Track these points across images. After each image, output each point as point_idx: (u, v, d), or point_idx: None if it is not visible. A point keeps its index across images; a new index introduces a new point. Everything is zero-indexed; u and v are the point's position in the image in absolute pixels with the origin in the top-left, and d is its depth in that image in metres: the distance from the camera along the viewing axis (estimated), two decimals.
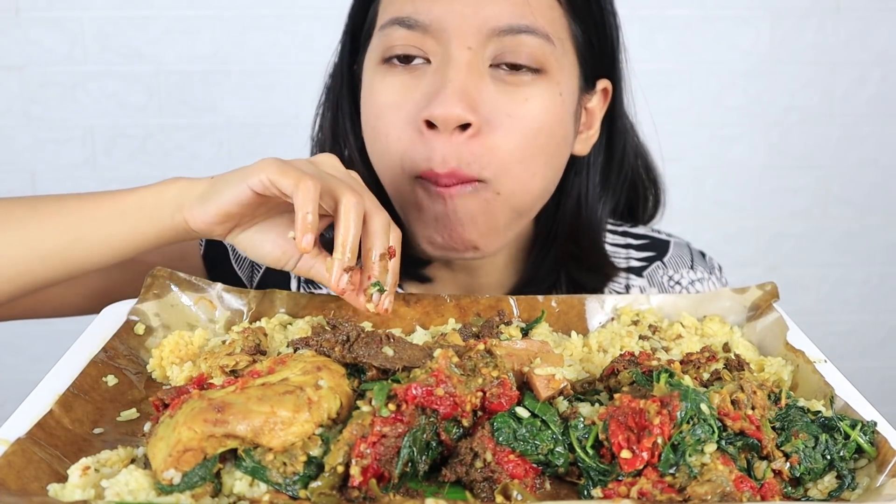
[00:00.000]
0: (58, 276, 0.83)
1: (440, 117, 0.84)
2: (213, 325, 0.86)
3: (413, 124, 0.87)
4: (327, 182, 0.76)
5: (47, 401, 0.66)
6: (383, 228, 0.78)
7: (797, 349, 0.79)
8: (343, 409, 0.63)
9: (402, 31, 0.87)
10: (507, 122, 0.87)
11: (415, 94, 0.87)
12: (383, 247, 0.77)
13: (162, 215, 0.79)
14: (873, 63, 2.11)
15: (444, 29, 0.86)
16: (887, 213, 2.22)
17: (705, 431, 0.59)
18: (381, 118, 0.90)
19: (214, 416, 0.58)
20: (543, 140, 0.89)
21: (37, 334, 2.12)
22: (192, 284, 0.87)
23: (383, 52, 0.89)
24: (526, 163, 0.89)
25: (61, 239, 0.80)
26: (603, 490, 0.59)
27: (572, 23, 0.93)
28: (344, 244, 0.74)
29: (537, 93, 0.88)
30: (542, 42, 0.87)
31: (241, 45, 2.01)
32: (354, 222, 0.74)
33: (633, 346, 0.83)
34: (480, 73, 0.86)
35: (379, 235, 0.77)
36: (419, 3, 0.87)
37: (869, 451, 0.63)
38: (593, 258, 1.04)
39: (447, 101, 0.84)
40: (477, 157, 0.86)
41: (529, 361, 0.70)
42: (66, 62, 1.99)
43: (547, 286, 1.05)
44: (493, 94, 0.87)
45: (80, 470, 0.58)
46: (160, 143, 2.07)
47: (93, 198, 0.82)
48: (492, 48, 0.87)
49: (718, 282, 1.15)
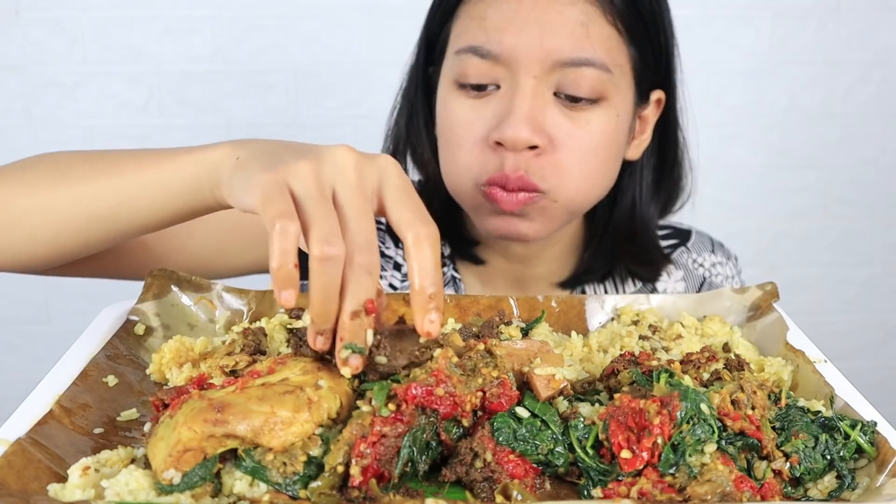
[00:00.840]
0: (113, 238, 0.82)
1: (510, 140, 0.94)
2: (213, 325, 0.86)
3: (484, 142, 0.98)
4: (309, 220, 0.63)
5: (47, 401, 0.66)
6: (359, 281, 0.62)
7: (797, 349, 0.79)
8: (343, 409, 0.63)
9: (475, 60, 0.96)
10: (568, 143, 0.97)
11: (486, 115, 0.97)
12: (358, 303, 0.62)
13: (202, 188, 0.75)
14: (873, 63, 2.11)
15: (513, 59, 0.95)
16: (887, 213, 2.21)
17: (705, 431, 0.59)
18: (455, 133, 1.00)
19: (214, 416, 0.58)
20: (601, 157, 1.00)
21: (37, 334, 2.12)
22: (193, 284, 0.87)
23: (458, 77, 0.99)
24: (584, 176, 0.99)
25: (111, 201, 0.79)
26: (603, 490, 0.59)
27: (630, 47, 0.99)
28: (314, 310, 0.62)
29: (596, 117, 0.97)
30: (601, 73, 0.96)
31: (241, 45, 2.01)
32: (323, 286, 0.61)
33: (633, 346, 0.83)
34: (545, 100, 0.96)
35: (353, 291, 0.62)
36: (491, 32, 0.95)
37: (869, 451, 0.63)
38: (648, 254, 1.14)
39: (516, 125, 0.94)
40: (541, 169, 0.97)
41: (529, 361, 0.70)
42: (66, 62, 1.99)
43: (600, 276, 1.14)
44: (556, 118, 0.96)
45: (80, 470, 0.58)
46: (160, 143, 2.06)
47: (141, 159, 0.80)
48: (555, 77, 0.95)
49: (735, 268, 1.25)
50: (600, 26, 0.95)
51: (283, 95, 2.04)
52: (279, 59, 2.02)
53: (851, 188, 2.19)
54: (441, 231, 1.14)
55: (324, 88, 2.03)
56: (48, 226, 0.82)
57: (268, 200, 0.62)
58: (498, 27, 0.95)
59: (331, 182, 0.64)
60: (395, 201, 0.66)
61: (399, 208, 0.65)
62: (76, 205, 0.80)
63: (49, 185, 0.82)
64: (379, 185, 0.66)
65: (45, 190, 0.82)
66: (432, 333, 0.64)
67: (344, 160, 0.65)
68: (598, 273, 1.14)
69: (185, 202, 0.77)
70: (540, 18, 0.94)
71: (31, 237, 0.83)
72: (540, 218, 1.00)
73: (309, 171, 0.64)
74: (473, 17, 0.98)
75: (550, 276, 1.15)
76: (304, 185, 0.63)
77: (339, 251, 0.61)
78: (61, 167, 0.83)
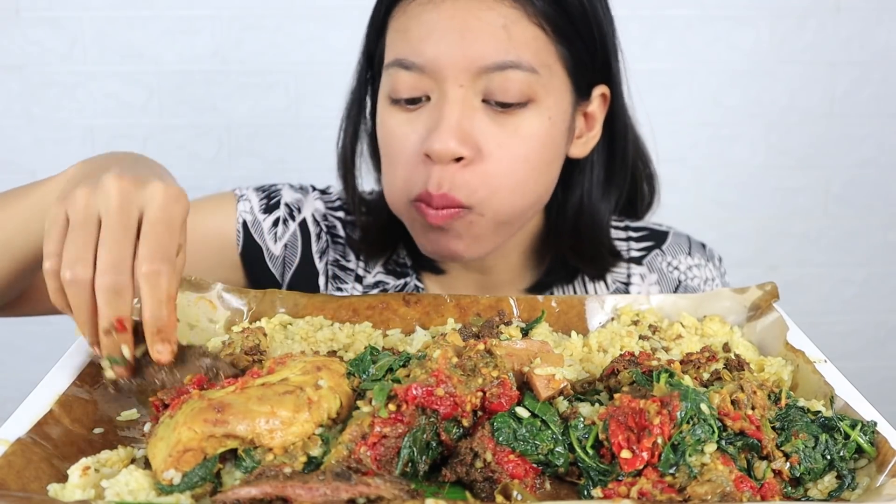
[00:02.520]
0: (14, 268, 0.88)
1: (437, 152, 0.93)
2: (213, 325, 0.86)
3: (416, 155, 0.96)
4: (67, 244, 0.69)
5: (47, 401, 0.66)
6: (105, 301, 0.67)
7: (797, 349, 0.79)
8: (343, 409, 0.64)
9: (403, 74, 0.96)
10: (498, 152, 0.95)
11: (417, 127, 0.96)
12: (107, 321, 0.67)
13: None
14: (873, 63, 2.11)
15: (438, 69, 0.93)
16: (887, 213, 2.21)
17: (705, 431, 0.59)
18: (391, 147, 0.99)
19: (214, 416, 0.58)
20: (533, 163, 0.97)
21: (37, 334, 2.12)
22: (192, 284, 0.87)
23: (390, 92, 0.98)
24: (513, 186, 0.97)
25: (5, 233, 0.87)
26: (603, 490, 0.59)
27: (559, 46, 0.97)
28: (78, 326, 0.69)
29: (526, 122, 0.96)
30: (528, 74, 0.94)
31: (241, 45, 2.01)
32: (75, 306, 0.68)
33: (633, 346, 0.83)
34: (473, 108, 0.94)
35: (101, 310, 0.67)
36: (415, 43, 0.95)
37: (869, 451, 0.63)
38: (594, 250, 1.11)
39: (442, 136, 0.92)
40: (467, 183, 0.94)
41: (529, 361, 0.70)
42: (66, 62, 1.99)
43: (567, 279, 1.13)
44: (485, 126, 0.95)
45: (80, 470, 0.58)
46: (160, 143, 2.07)
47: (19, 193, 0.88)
48: (482, 84, 0.94)
49: (716, 270, 1.21)
50: (522, 27, 0.94)
51: (283, 95, 2.04)
52: (279, 59, 2.02)
53: (851, 188, 2.19)
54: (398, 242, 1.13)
55: (323, 88, 2.03)
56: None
57: (47, 232, 0.70)
58: (420, 38, 0.94)
59: (97, 208, 0.69)
60: (142, 233, 0.69)
61: (142, 240, 0.69)
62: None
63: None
64: (141, 213, 0.70)
65: None
66: (162, 361, 0.69)
67: (110, 187, 0.69)
68: (561, 275, 1.13)
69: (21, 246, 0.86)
70: (460, 26, 0.92)
71: None
72: (467, 233, 0.98)
73: (81, 197, 0.69)
74: (398, 31, 0.97)
75: (515, 283, 1.13)
76: (72, 211, 0.69)
77: (78, 274, 0.67)
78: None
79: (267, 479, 0.55)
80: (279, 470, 0.56)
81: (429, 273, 1.14)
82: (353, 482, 0.54)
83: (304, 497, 0.53)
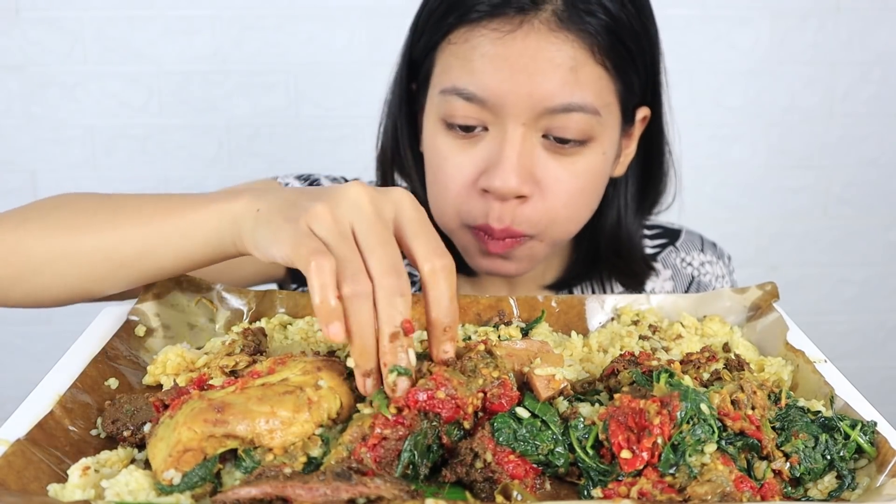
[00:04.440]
0: (134, 282, 0.83)
1: (499, 190, 0.93)
2: (213, 325, 0.86)
3: (472, 186, 0.97)
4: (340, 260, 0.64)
5: (47, 401, 0.66)
6: (391, 303, 0.63)
7: (797, 349, 0.79)
8: (343, 410, 0.63)
9: (461, 102, 0.94)
10: (556, 186, 0.96)
11: (474, 158, 0.96)
12: (393, 325, 0.62)
13: (223, 240, 0.77)
14: (873, 63, 2.11)
15: (501, 106, 0.92)
16: (887, 213, 2.21)
17: (705, 431, 0.59)
18: (443, 171, 0.98)
19: (214, 416, 0.58)
20: (587, 195, 1.00)
21: (37, 334, 2.12)
22: (193, 284, 0.87)
23: (445, 116, 0.97)
24: (570, 217, 0.99)
25: (137, 248, 0.80)
26: (603, 490, 0.59)
27: (617, 83, 0.97)
28: (355, 350, 0.63)
29: (584, 158, 0.97)
30: (590, 117, 0.94)
31: (241, 45, 2.01)
32: (358, 323, 0.62)
33: (633, 346, 0.83)
34: (533, 145, 0.95)
35: (386, 314, 0.63)
36: (478, 75, 0.93)
37: (869, 451, 0.63)
38: (633, 266, 1.14)
39: (505, 175, 0.92)
40: (528, 218, 0.96)
41: (529, 361, 0.70)
42: (66, 62, 1.99)
43: (586, 280, 1.15)
44: (543, 162, 0.95)
45: (80, 470, 0.58)
46: (160, 143, 2.07)
47: (163, 207, 0.81)
48: (543, 123, 0.94)
49: (726, 268, 1.24)
50: (590, 68, 0.93)
51: (283, 95, 2.04)
52: (279, 59, 2.02)
53: (851, 188, 2.19)
54: None
55: (323, 88, 2.03)
56: (70, 272, 0.82)
57: (298, 245, 0.64)
58: (485, 72, 0.92)
59: (349, 220, 0.66)
60: (411, 233, 0.67)
61: (415, 240, 0.66)
62: (100, 252, 0.81)
63: (72, 232, 0.82)
64: (395, 217, 0.68)
65: (67, 236, 0.82)
66: (447, 363, 0.66)
67: (358, 197, 0.67)
68: (584, 277, 1.15)
69: (206, 252, 0.79)
70: (529, 66, 0.91)
71: (51, 283, 0.83)
72: (526, 258, 1.01)
73: (327, 212, 0.65)
74: (459, 57, 0.95)
75: (538, 279, 1.15)
76: (324, 227, 0.65)
77: (364, 287, 0.62)
78: (85, 212, 0.83)
79: (267, 479, 0.55)
80: (279, 470, 0.56)
81: (461, 275, 1.13)
82: (353, 482, 0.54)
83: (304, 497, 0.53)
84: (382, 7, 1.98)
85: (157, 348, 0.79)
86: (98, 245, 0.81)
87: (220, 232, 0.77)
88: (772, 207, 2.19)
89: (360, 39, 2.00)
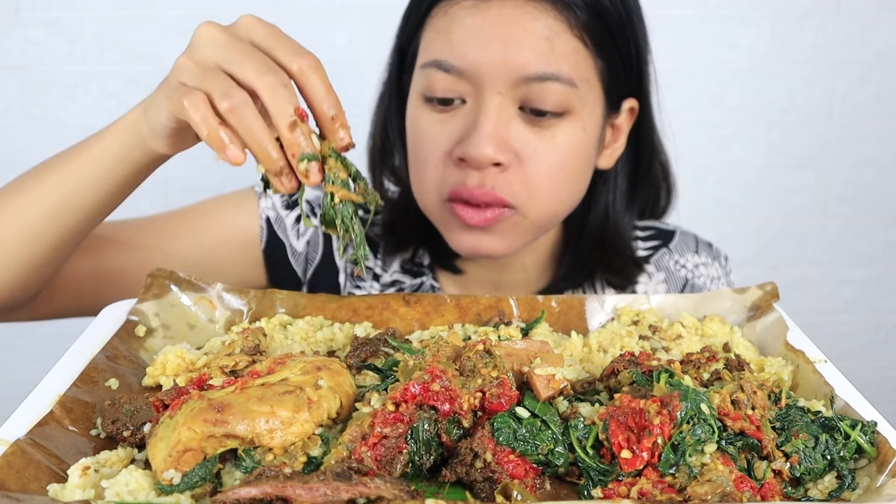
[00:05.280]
0: (69, 232, 0.86)
1: (474, 157, 0.94)
2: (213, 325, 0.86)
3: (448, 157, 0.97)
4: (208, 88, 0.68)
5: (47, 401, 0.66)
6: (276, 96, 0.66)
7: (797, 349, 0.79)
8: (343, 409, 0.64)
9: (440, 74, 0.96)
10: (535, 157, 0.96)
11: (451, 129, 0.97)
12: (287, 115, 0.65)
13: (131, 150, 0.81)
14: (873, 63, 2.10)
15: (478, 75, 0.94)
16: (887, 213, 2.21)
17: (705, 431, 0.59)
18: (421, 148, 1.00)
19: (214, 416, 0.58)
20: (568, 170, 0.99)
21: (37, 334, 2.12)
22: (192, 284, 0.87)
23: (424, 91, 0.98)
24: (552, 191, 0.99)
25: (58, 194, 0.84)
26: (603, 490, 0.59)
27: (597, 59, 0.98)
28: (258, 155, 0.66)
29: (561, 132, 0.97)
30: (566, 87, 0.95)
31: None
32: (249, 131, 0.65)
33: (633, 346, 0.83)
34: (510, 115, 0.95)
35: (276, 107, 0.65)
36: (456, 47, 0.94)
37: (869, 451, 0.63)
38: (620, 261, 1.13)
39: (480, 142, 0.93)
40: (509, 184, 0.96)
41: (529, 361, 0.70)
42: (66, 62, 1.99)
43: (577, 284, 1.14)
44: (520, 133, 0.96)
45: (80, 470, 0.58)
46: None
47: (72, 151, 0.86)
48: (520, 92, 0.94)
49: (722, 269, 1.23)
50: (565, 40, 0.94)
51: None
52: None
53: (851, 188, 2.19)
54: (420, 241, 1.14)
55: None
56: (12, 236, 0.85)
57: (172, 99, 0.68)
58: (462, 42, 0.94)
59: (210, 57, 0.69)
60: (269, 47, 0.69)
61: (275, 51, 0.69)
62: (26, 210, 0.84)
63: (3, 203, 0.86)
64: (250, 39, 0.70)
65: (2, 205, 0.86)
66: (349, 144, 0.68)
67: (209, 34, 0.70)
68: (575, 280, 1.14)
69: (123, 169, 0.82)
70: (504, 34, 0.92)
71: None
72: (510, 234, 1.00)
73: (186, 59, 0.70)
74: (439, 31, 0.97)
75: (528, 284, 1.15)
76: (188, 73, 0.69)
77: (239, 97, 0.65)
78: (12, 184, 0.88)
79: (267, 479, 0.55)
80: (279, 470, 0.56)
81: (446, 273, 1.15)
82: (353, 482, 0.54)
83: (304, 497, 0.53)
84: (382, 7, 1.97)
85: (157, 348, 0.79)
86: (22, 204, 0.85)
87: (125, 145, 0.81)
88: (771, 207, 2.19)
89: (360, 39, 2.00)
